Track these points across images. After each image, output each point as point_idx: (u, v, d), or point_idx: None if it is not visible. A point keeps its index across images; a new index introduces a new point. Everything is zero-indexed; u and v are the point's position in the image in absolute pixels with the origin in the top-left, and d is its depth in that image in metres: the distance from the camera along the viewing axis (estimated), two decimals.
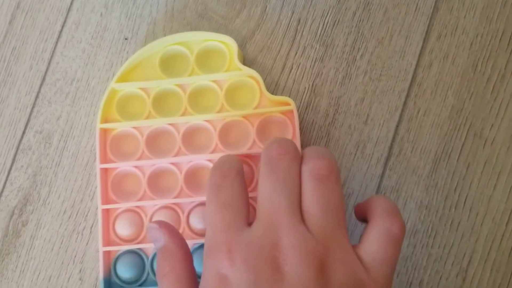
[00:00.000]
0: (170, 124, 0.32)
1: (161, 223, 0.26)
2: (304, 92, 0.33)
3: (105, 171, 0.32)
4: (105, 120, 0.32)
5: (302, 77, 0.33)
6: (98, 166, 0.31)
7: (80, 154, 0.34)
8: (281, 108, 0.31)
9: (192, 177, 0.32)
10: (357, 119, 0.32)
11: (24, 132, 0.35)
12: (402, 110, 0.32)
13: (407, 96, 0.32)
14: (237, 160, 0.27)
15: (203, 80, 0.32)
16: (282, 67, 0.33)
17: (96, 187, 0.33)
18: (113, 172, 0.32)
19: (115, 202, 0.32)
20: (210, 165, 0.31)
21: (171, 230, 0.26)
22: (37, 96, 0.35)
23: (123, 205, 0.32)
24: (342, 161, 0.32)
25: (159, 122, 0.32)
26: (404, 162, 0.32)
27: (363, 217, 0.26)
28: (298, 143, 0.30)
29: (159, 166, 0.32)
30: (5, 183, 0.34)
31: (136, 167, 0.32)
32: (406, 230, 0.31)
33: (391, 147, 0.32)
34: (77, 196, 0.34)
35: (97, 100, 0.34)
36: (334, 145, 0.32)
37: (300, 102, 0.32)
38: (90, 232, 0.33)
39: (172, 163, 0.32)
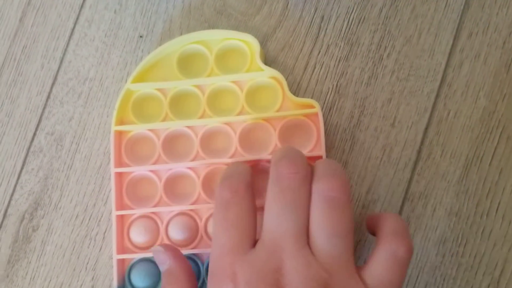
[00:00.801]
0: (187, 126, 0.31)
1: (167, 246, 0.27)
2: (327, 92, 0.31)
3: (119, 175, 0.31)
4: (120, 122, 0.31)
5: (326, 77, 0.31)
6: (113, 170, 0.30)
7: (93, 156, 0.33)
8: (305, 111, 0.29)
9: (210, 182, 0.30)
10: (383, 121, 0.31)
11: (35, 134, 0.34)
12: (432, 112, 0.31)
13: (437, 97, 0.31)
14: (247, 171, 0.27)
15: (222, 81, 0.30)
16: (304, 66, 0.32)
17: (110, 191, 0.32)
18: (128, 177, 0.31)
19: (130, 208, 0.31)
20: None
21: (176, 253, 0.27)
22: (48, 97, 0.34)
23: (138, 211, 0.30)
24: (368, 165, 0.30)
25: (177, 125, 0.31)
26: (433, 166, 0.30)
27: (372, 231, 0.26)
28: (322, 148, 0.29)
29: (176, 170, 0.31)
30: (15, 186, 0.33)
31: (152, 171, 0.31)
32: (435, 238, 0.30)
33: (419, 151, 0.30)
34: (90, 201, 0.32)
35: (111, 101, 0.33)
36: (359, 148, 0.31)
37: (324, 103, 0.31)
38: (103, 238, 0.32)
39: (190, 168, 0.30)
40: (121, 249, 0.30)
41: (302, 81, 0.32)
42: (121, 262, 0.30)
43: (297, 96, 0.31)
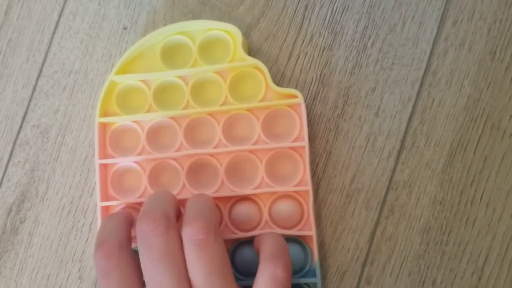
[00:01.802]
0: (171, 118, 0.31)
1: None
2: (311, 82, 0.31)
3: (104, 167, 0.31)
4: (104, 113, 0.31)
5: (310, 66, 0.31)
6: (97, 161, 0.31)
7: (79, 148, 0.33)
8: (288, 101, 0.29)
9: (195, 173, 0.31)
10: (367, 110, 0.31)
11: (21, 127, 0.34)
12: (416, 101, 0.31)
13: (421, 85, 0.31)
14: (122, 225, 0.27)
15: (206, 71, 0.31)
16: (288, 56, 0.32)
17: (95, 183, 0.32)
18: (113, 168, 0.31)
19: (115, 199, 0.31)
20: (213, 160, 0.30)
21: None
22: (34, 89, 0.34)
23: (123, 202, 0.30)
24: (352, 154, 0.31)
25: (160, 116, 0.31)
26: (417, 155, 0.30)
27: (258, 253, 0.27)
28: (306, 138, 0.29)
29: (160, 161, 0.31)
30: (2, 179, 0.33)
31: (136, 162, 0.31)
32: (419, 227, 0.30)
33: (403, 140, 0.30)
34: (76, 192, 0.33)
35: (96, 93, 0.33)
36: (343, 138, 0.31)
37: (308, 93, 0.31)
38: (90, 229, 0.32)
39: (174, 159, 0.31)
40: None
41: (286, 70, 0.32)
42: None
43: (281, 86, 0.31)
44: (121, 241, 0.26)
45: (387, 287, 0.30)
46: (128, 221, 0.28)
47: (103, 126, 0.31)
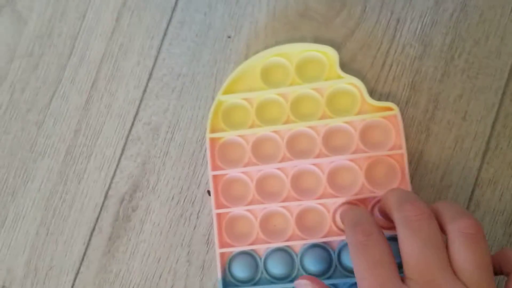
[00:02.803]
0: (274, 131, 0.34)
1: (312, 279, 0.29)
2: (404, 88, 0.35)
3: (215, 177, 0.35)
4: (212, 129, 0.35)
5: (402, 74, 0.35)
6: (210, 173, 0.34)
7: (187, 144, 0.37)
8: (384, 113, 0.33)
9: (298, 181, 0.34)
10: (455, 115, 0.34)
11: (133, 124, 0.37)
12: (499, 107, 0.34)
13: (503, 94, 0.34)
14: (372, 218, 0.29)
15: (304, 88, 0.34)
16: (382, 64, 0.35)
17: (202, 176, 0.36)
18: (223, 178, 0.35)
19: (226, 207, 0.34)
20: (315, 169, 0.34)
21: (318, 282, 0.29)
22: (144, 90, 0.38)
23: (234, 209, 0.34)
24: (441, 155, 0.34)
25: (264, 130, 0.34)
26: (501, 156, 0.34)
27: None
28: (403, 147, 0.32)
29: (266, 171, 0.34)
30: (115, 170, 0.37)
31: (243, 172, 0.35)
32: (502, 220, 0.33)
33: (488, 142, 0.34)
34: (184, 184, 0.36)
35: (202, 95, 0.37)
36: (433, 139, 0.34)
37: (400, 98, 0.35)
38: (197, 217, 0.36)
39: (278, 168, 0.34)
40: (222, 243, 0.34)
41: (380, 78, 0.35)
42: (222, 255, 0.34)
43: (375, 91, 0.35)
44: (376, 224, 0.28)
45: None
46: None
47: (212, 141, 0.35)
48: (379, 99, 0.35)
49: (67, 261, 0.37)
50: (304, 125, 0.34)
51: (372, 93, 0.35)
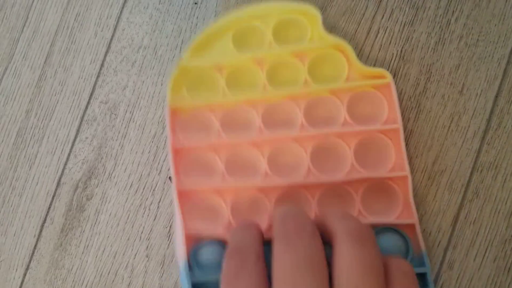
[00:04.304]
0: (247, 102, 0.30)
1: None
2: (392, 59, 0.31)
3: (177, 155, 0.31)
4: (173, 100, 0.31)
5: (390, 42, 0.31)
6: (170, 147, 0.30)
7: (147, 125, 0.33)
8: (375, 81, 0.29)
9: (276, 159, 0.30)
10: (451, 88, 0.30)
11: (88, 103, 0.34)
12: (502, 79, 0.30)
13: (508, 63, 0.30)
14: (258, 238, 0.26)
15: (282, 52, 0.30)
16: (367, 31, 0.31)
17: (164, 161, 0.32)
18: (186, 157, 0.31)
19: (191, 187, 0.30)
20: (296, 146, 0.30)
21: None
22: (102, 65, 0.34)
23: (199, 187, 0.30)
24: (434, 134, 0.30)
25: (236, 101, 0.30)
26: (503, 136, 0.29)
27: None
28: (399, 121, 0.28)
29: (238, 148, 0.30)
30: (69, 155, 0.34)
31: (211, 150, 0.30)
32: (506, 210, 0.29)
33: (489, 120, 0.30)
34: (144, 170, 0.33)
35: (165, 69, 0.33)
36: (425, 117, 0.30)
37: (388, 70, 0.30)
38: (158, 207, 0.32)
39: (252, 145, 0.30)
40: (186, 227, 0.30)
41: (365, 47, 0.31)
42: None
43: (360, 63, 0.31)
44: (258, 252, 0.25)
45: (470, 272, 0.29)
46: (261, 235, 0.27)
47: (174, 113, 0.31)
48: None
49: (17, 255, 0.33)
50: (282, 95, 0.30)
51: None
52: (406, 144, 0.30)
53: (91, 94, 0.34)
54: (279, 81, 0.31)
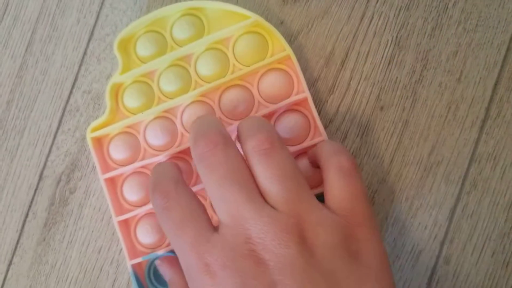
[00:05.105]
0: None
1: (165, 259, 0.29)
2: (386, 45, 0.30)
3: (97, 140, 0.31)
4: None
5: (385, 28, 0.30)
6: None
7: None
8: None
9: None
10: (449, 76, 0.29)
11: (71, 92, 0.33)
12: (502, 66, 0.29)
13: (508, 49, 0.29)
14: (172, 167, 0.26)
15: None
16: (360, 17, 0.30)
17: None
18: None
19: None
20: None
21: (173, 264, 0.28)
22: (85, 53, 0.33)
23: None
24: (431, 124, 0.29)
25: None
26: (503, 125, 0.28)
27: (316, 165, 0.27)
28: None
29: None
30: (51, 147, 0.32)
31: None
32: (504, 203, 0.28)
33: (488, 109, 0.29)
34: None
35: None
36: (421, 106, 0.29)
37: (382, 57, 0.29)
38: None
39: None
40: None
41: (358, 33, 0.30)
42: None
43: (353, 50, 0.29)
44: (176, 177, 0.25)
45: (467, 267, 0.28)
46: (176, 165, 0.27)
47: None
48: (356, 59, 0.29)
49: None
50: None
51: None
52: (401, 136, 0.29)
53: (74, 84, 0.33)
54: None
